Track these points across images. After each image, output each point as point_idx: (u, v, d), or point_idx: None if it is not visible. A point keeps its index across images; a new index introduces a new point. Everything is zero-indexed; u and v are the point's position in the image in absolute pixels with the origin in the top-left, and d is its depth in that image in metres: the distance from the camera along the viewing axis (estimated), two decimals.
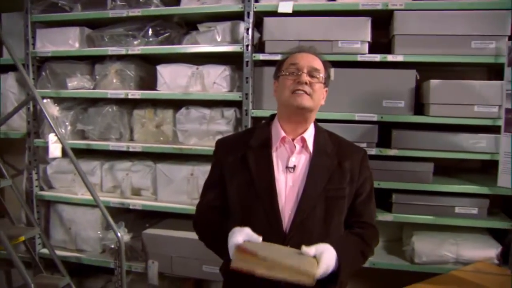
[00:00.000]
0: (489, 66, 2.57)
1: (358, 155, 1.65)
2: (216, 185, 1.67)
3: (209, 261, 2.53)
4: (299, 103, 1.53)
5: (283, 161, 1.58)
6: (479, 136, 2.33)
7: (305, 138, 1.59)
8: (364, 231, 1.61)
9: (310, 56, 1.63)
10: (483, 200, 2.38)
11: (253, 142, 1.62)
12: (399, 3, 2.32)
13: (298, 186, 1.56)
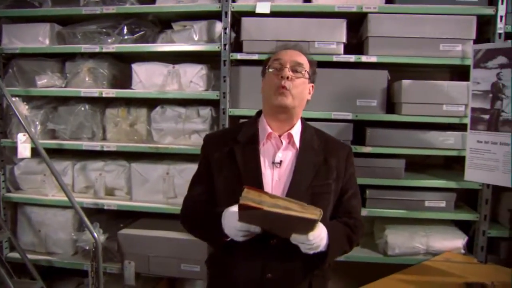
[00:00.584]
0: (454, 67, 2.77)
1: (344, 152, 1.74)
2: (204, 180, 1.74)
3: (188, 260, 2.60)
4: (279, 102, 1.61)
5: (269, 156, 1.66)
6: (447, 133, 2.52)
7: (292, 134, 1.67)
8: (352, 222, 1.71)
9: (294, 52, 1.70)
10: (451, 194, 2.58)
11: (241, 138, 1.69)
12: (373, 6, 2.47)
13: (284, 182, 1.63)
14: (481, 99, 2.29)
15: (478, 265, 2.38)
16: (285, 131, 1.67)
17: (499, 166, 2.24)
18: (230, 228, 1.51)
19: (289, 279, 1.61)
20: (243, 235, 1.50)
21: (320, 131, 1.80)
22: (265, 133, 1.68)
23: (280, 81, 1.61)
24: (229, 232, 1.52)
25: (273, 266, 1.58)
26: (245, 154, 1.66)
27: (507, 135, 2.21)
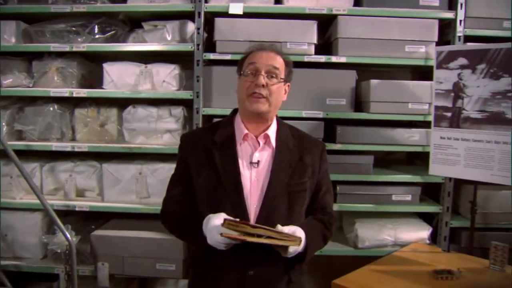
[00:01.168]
0: (417, 67, 2.99)
1: (318, 150, 1.85)
2: (183, 180, 1.80)
3: (163, 259, 2.65)
4: (254, 108, 1.68)
5: (247, 156, 1.74)
6: (412, 130, 2.72)
7: (268, 134, 1.75)
8: (327, 218, 1.83)
9: (270, 54, 1.73)
10: (416, 188, 2.79)
11: (218, 139, 1.75)
12: (343, 9, 2.63)
13: (262, 181, 1.72)
14: (443, 98, 2.51)
15: (443, 253, 2.59)
16: (261, 131, 1.75)
17: (460, 160, 2.46)
18: (212, 240, 1.58)
19: (270, 275, 1.70)
20: (225, 247, 1.56)
21: (294, 128, 1.89)
22: (241, 134, 1.75)
23: (255, 88, 1.67)
24: (211, 242, 1.59)
25: (255, 264, 1.66)
26: (223, 155, 1.72)
27: (467, 131, 2.42)
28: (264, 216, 1.68)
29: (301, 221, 1.78)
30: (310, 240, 1.66)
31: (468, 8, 2.65)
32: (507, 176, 2.31)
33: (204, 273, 1.77)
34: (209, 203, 1.72)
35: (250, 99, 1.67)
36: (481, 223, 2.67)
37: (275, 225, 1.64)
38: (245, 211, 1.68)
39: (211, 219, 1.60)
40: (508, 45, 2.30)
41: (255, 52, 1.74)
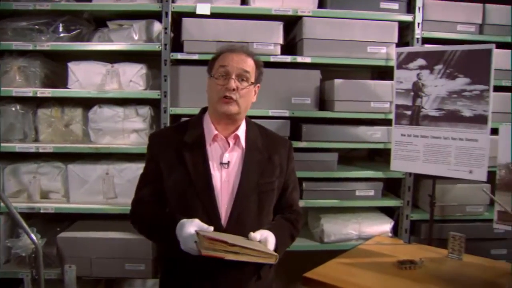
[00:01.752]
0: (378, 67, 3.15)
1: (285, 149, 1.93)
2: (152, 180, 1.83)
3: (132, 259, 2.68)
4: (225, 110, 1.74)
5: (217, 157, 1.79)
6: (375, 128, 2.88)
7: (238, 135, 1.81)
8: (294, 216, 1.93)
9: (241, 57, 1.78)
10: (378, 183, 2.95)
11: (188, 139, 1.79)
12: (307, 11, 2.75)
13: (233, 182, 1.78)
14: (403, 97, 2.67)
15: (404, 245, 2.75)
16: (231, 132, 1.81)
17: (420, 156, 2.63)
18: (186, 247, 1.62)
19: (241, 274, 1.76)
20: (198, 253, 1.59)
21: (262, 127, 1.97)
22: (211, 135, 1.80)
23: (225, 92, 1.72)
24: (185, 249, 1.63)
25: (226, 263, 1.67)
26: (193, 156, 1.77)
27: (426, 128, 2.60)
28: (235, 216, 1.74)
29: (269, 220, 1.87)
30: (280, 243, 1.75)
31: (425, 12, 2.85)
32: (463, 171, 2.50)
33: (175, 272, 1.81)
34: (180, 204, 1.77)
35: (220, 102, 1.73)
36: (439, 216, 2.87)
37: (246, 225, 1.72)
38: (216, 212, 1.74)
39: (184, 226, 1.63)
40: (463, 47, 2.48)
41: (226, 53, 1.79)
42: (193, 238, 1.58)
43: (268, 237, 1.70)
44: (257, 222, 1.78)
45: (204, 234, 1.55)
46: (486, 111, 2.42)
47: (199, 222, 1.64)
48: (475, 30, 2.93)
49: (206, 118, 1.84)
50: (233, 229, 1.72)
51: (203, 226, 1.63)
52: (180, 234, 1.63)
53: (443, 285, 2.09)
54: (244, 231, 1.70)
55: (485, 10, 2.92)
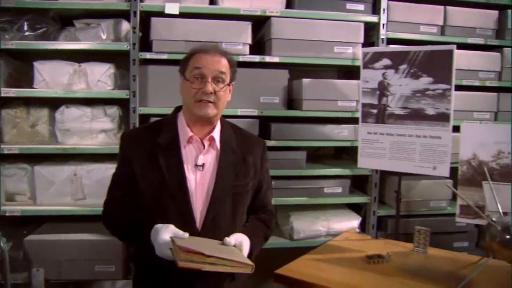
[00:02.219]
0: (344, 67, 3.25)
1: (259, 149, 1.95)
2: (125, 181, 1.81)
3: (102, 261, 2.68)
4: (203, 113, 1.73)
5: (191, 159, 1.79)
6: (342, 126, 2.96)
7: (214, 137, 1.81)
8: (268, 217, 1.98)
9: (215, 58, 1.76)
10: (346, 180, 3.04)
11: (162, 140, 1.78)
12: (275, 11, 2.80)
13: (207, 184, 1.78)
14: (369, 96, 2.76)
15: (372, 240, 2.85)
16: (206, 134, 1.81)
17: (386, 153, 2.72)
18: (161, 254, 1.62)
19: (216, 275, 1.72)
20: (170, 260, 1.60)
21: (236, 126, 1.98)
22: (186, 136, 1.80)
23: (202, 95, 1.71)
24: (160, 254, 1.62)
25: None
26: (167, 158, 1.76)
27: (392, 126, 2.69)
28: (210, 219, 1.76)
29: (243, 221, 1.89)
30: (254, 245, 1.77)
31: (390, 13, 2.95)
32: (427, 167, 2.61)
33: (149, 273, 1.81)
34: (154, 206, 1.76)
35: (198, 105, 1.73)
36: (404, 211, 2.98)
37: (221, 228, 1.75)
38: (191, 215, 1.75)
39: (159, 232, 1.62)
40: (426, 48, 2.59)
41: (199, 54, 1.77)
42: (168, 245, 1.58)
43: (243, 241, 1.72)
44: (232, 224, 1.81)
45: (180, 245, 1.54)
46: (448, 109, 2.53)
47: (174, 228, 1.63)
48: (437, 31, 3.06)
49: (181, 119, 1.84)
50: (208, 232, 1.73)
51: (178, 232, 1.62)
52: (155, 240, 1.63)
53: (409, 278, 2.18)
54: (219, 233, 1.72)
55: (446, 12, 3.05)
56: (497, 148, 2.44)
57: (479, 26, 3.12)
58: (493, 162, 2.44)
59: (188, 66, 1.78)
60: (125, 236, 1.88)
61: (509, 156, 2.41)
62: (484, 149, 2.47)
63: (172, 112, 1.90)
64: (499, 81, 3.16)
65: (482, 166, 2.43)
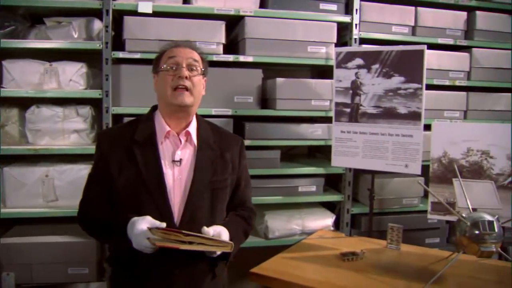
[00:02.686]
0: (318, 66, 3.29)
1: (237, 146, 1.97)
2: (102, 180, 1.80)
3: (75, 263, 2.66)
4: (180, 101, 1.75)
5: (169, 155, 1.80)
6: (316, 125, 3.00)
7: (190, 132, 1.83)
8: (247, 213, 1.99)
9: (187, 49, 1.82)
10: (320, 179, 3.08)
11: (138, 137, 1.79)
12: (249, 10, 2.83)
13: (185, 180, 1.79)
14: (343, 95, 2.80)
15: (346, 238, 2.89)
16: (183, 128, 1.83)
17: (359, 152, 2.77)
18: (139, 245, 1.61)
19: (196, 273, 1.80)
20: (152, 251, 1.62)
21: (213, 124, 2.00)
22: (163, 132, 1.81)
23: (178, 80, 1.74)
24: (137, 247, 1.62)
25: (180, 263, 1.74)
26: (144, 154, 1.77)
27: (365, 125, 2.74)
28: (188, 214, 1.76)
29: (222, 217, 1.90)
30: (234, 239, 1.77)
31: (362, 13, 3.01)
32: (399, 165, 2.67)
33: (127, 274, 1.80)
34: (131, 203, 1.75)
35: (174, 93, 1.75)
36: (378, 208, 3.04)
37: (199, 223, 1.73)
38: (169, 210, 1.75)
39: (136, 223, 1.63)
40: (397, 48, 2.64)
41: (172, 48, 1.82)
42: (145, 235, 1.58)
43: (222, 232, 1.73)
44: (210, 220, 1.81)
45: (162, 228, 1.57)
46: (419, 108, 2.59)
47: (150, 219, 1.64)
48: (408, 31, 3.13)
49: (157, 115, 1.85)
50: (185, 227, 1.72)
51: (155, 222, 1.63)
52: (131, 232, 1.63)
53: (383, 274, 2.23)
54: (197, 229, 1.71)
55: (417, 13, 3.13)
56: (467, 146, 2.51)
57: (448, 27, 3.21)
58: (463, 160, 2.51)
59: (161, 61, 1.81)
60: (102, 235, 1.87)
61: (478, 153, 2.48)
62: (454, 147, 2.54)
63: (149, 110, 1.91)
64: (468, 81, 3.26)
65: (452, 164, 2.50)
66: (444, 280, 2.15)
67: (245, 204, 2.01)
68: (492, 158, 2.46)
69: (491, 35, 3.30)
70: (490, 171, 2.46)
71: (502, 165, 2.43)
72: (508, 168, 2.42)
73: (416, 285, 2.07)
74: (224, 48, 2.88)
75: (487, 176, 2.46)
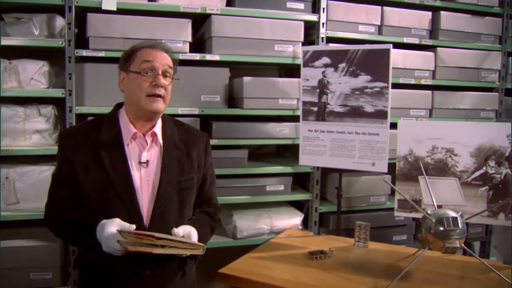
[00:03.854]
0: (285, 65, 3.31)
1: (203, 143, 1.97)
2: (68, 181, 1.76)
3: (37, 268, 2.59)
4: (154, 108, 1.74)
5: (135, 156, 1.78)
6: (283, 124, 3.02)
7: (156, 132, 1.82)
8: (213, 210, 2.00)
9: (163, 54, 1.80)
10: (287, 178, 3.10)
11: (104, 137, 1.76)
12: (216, 8, 2.82)
13: (153, 181, 1.78)
14: (310, 94, 2.83)
15: (314, 236, 2.92)
16: (148, 129, 1.81)
17: (326, 150, 2.80)
18: (109, 248, 1.60)
19: (166, 272, 1.80)
20: (122, 253, 1.61)
21: (178, 121, 1.99)
22: (129, 133, 1.79)
23: (154, 89, 1.72)
24: (107, 250, 1.61)
25: (151, 264, 1.73)
26: (111, 155, 1.75)
27: (332, 124, 2.77)
28: (157, 215, 1.75)
29: (190, 215, 1.91)
30: (202, 237, 1.79)
31: (329, 12, 3.04)
32: (367, 163, 2.71)
33: (97, 276, 1.78)
34: (99, 205, 1.73)
35: (148, 99, 1.73)
36: (346, 207, 3.08)
37: (168, 224, 1.75)
38: (138, 212, 1.74)
39: (105, 226, 1.61)
40: (364, 47, 2.68)
41: (146, 49, 1.78)
42: (115, 238, 1.57)
43: (191, 232, 1.74)
44: (179, 219, 1.81)
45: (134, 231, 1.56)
46: (385, 107, 2.64)
47: (120, 221, 1.63)
48: (374, 30, 3.19)
49: (122, 115, 1.82)
50: (155, 228, 1.73)
51: (125, 225, 1.63)
52: (101, 235, 1.62)
53: (351, 272, 2.26)
54: (167, 229, 1.72)
55: (384, 13, 3.19)
56: (432, 143, 2.57)
57: (414, 27, 3.29)
58: (428, 157, 2.57)
59: (134, 61, 1.77)
60: (71, 237, 1.83)
61: (442, 151, 2.54)
62: (420, 145, 2.59)
63: (113, 109, 1.88)
64: (433, 80, 3.34)
65: (418, 161, 2.55)
66: (410, 276, 2.20)
67: (211, 201, 2.02)
68: (457, 156, 2.52)
69: (455, 35, 3.39)
70: (454, 168, 2.52)
71: (466, 162, 2.50)
72: (471, 165, 2.49)
73: (384, 282, 2.10)
74: (191, 46, 2.87)
75: (451, 173, 2.53)
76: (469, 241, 3.68)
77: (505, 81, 3.55)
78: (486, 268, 2.16)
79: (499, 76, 3.53)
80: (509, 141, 2.43)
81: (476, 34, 3.44)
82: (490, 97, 3.51)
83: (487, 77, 3.48)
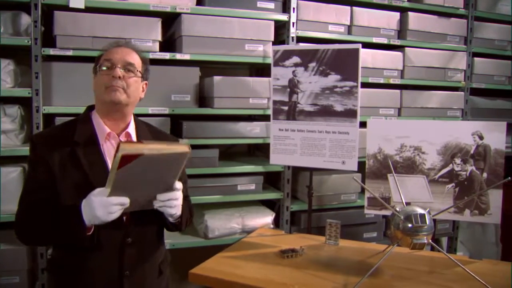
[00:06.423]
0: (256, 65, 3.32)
1: None
2: (43, 185, 1.70)
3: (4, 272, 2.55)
4: (112, 98, 1.72)
5: (110, 156, 1.75)
6: (254, 124, 3.03)
7: (129, 132, 1.82)
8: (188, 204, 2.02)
9: (125, 50, 1.81)
10: (259, 177, 3.12)
11: (78, 138, 1.74)
12: (186, 7, 2.81)
13: None
14: (280, 93, 2.85)
15: (286, 235, 2.94)
16: (121, 129, 1.81)
17: (297, 149, 2.82)
18: (100, 208, 1.54)
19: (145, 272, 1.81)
20: (115, 211, 1.56)
21: (150, 125, 2.01)
22: (103, 133, 1.78)
23: (111, 80, 1.72)
24: (99, 213, 1.54)
25: (130, 263, 1.73)
26: (89, 157, 1.72)
27: (302, 123, 2.80)
28: (138, 213, 1.73)
29: None
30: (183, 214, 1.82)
31: (299, 12, 3.07)
32: (337, 162, 2.75)
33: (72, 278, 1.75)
34: None
35: (107, 91, 1.72)
36: (317, 205, 3.12)
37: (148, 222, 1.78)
38: None
39: (90, 197, 1.56)
40: (334, 46, 2.72)
41: (111, 48, 1.81)
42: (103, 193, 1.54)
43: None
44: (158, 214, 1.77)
45: None
46: (355, 106, 2.68)
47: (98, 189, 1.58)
48: (344, 30, 3.23)
49: (95, 116, 1.81)
50: (135, 226, 1.74)
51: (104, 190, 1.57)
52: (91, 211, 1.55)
53: (322, 270, 2.29)
54: (146, 227, 1.75)
55: (353, 13, 3.24)
56: (400, 142, 2.62)
57: (383, 27, 3.35)
58: (397, 156, 2.62)
59: (99, 62, 1.79)
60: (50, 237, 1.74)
61: (410, 149, 2.59)
62: (389, 144, 2.64)
63: (84, 110, 1.87)
64: (401, 79, 3.41)
65: (387, 160, 2.60)
66: (380, 272, 2.25)
67: (186, 198, 2.02)
68: (424, 154, 2.58)
69: (423, 35, 3.47)
70: (422, 166, 2.58)
71: (433, 160, 2.55)
72: (438, 163, 2.55)
73: (354, 279, 2.13)
74: (161, 45, 2.86)
75: (419, 171, 2.58)
76: (437, 237, 3.77)
77: (470, 81, 3.65)
78: (453, 263, 2.21)
79: (464, 76, 3.63)
80: (474, 139, 2.50)
81: (442, 34, 3.53)
82: (456, 96, 3.61)
83: (453, 77, 3.58)
